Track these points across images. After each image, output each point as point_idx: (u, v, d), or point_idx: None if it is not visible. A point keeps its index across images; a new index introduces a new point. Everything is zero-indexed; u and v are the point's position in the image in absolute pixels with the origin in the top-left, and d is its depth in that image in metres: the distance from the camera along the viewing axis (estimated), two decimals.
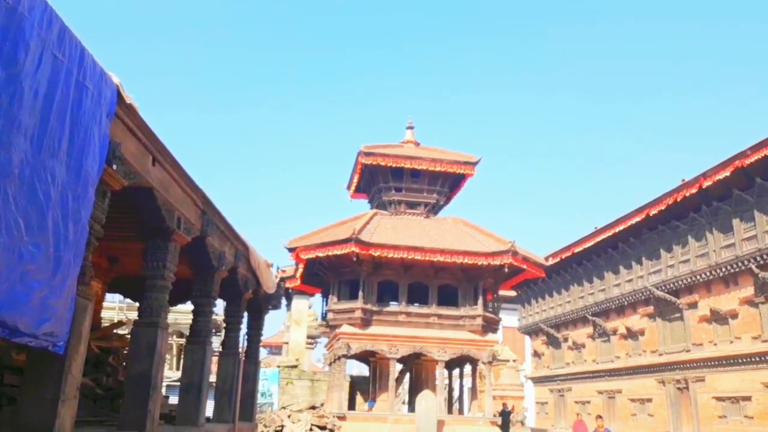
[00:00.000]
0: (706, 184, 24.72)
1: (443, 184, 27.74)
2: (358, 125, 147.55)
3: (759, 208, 23.51)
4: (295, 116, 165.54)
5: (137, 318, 6.66)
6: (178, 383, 8.63)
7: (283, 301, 38.58)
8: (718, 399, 25.19)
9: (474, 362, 24.29)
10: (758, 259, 23.21)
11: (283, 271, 27.99)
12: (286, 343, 38.71)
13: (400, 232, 24.60)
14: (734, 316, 24.78)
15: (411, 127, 29.86)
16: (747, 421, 23.60)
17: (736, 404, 24.31)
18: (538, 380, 43.34)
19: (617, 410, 32.62)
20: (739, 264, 24.18)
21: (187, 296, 9.65)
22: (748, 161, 22.69)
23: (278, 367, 33.13)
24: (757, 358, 23.16)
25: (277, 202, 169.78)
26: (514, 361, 38.00)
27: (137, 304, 8.13)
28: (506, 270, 23.73)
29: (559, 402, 39.30)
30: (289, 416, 20.34)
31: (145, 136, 5.51)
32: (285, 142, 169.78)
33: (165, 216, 6.20)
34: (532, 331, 44.28)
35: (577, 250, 34.90)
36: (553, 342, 40.85)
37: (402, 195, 27.38)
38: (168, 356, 29.79)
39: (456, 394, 30.47)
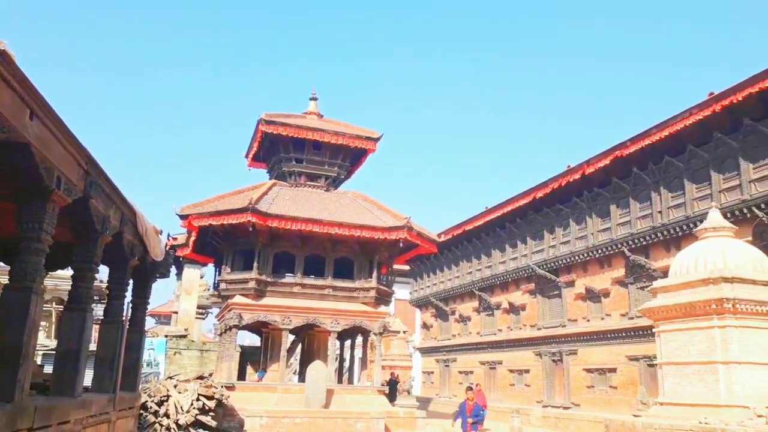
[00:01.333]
0: (589, 171, 26.42)
1: (345, 158, 27.75)
2: (261, 93, 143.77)
3: (634, 196, 25.46)
4: (194, 79, 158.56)
5: (8, 282, 6.24)
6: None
7: (174, 270, 37.32)
8: (588, 370, 27.33)
9: (366, 333, 24.77)
10: (630, 243, 25.21)
11: (174, 239, 27.01)
12: (176, 312, 37.55)
13: (299, 204, 24.42)
14: (606, 294, 26.86)
15: (314, 99, 29.52)
16: (611, 391, 25.82)
17: (603, 375, 26.50)
18: (425, 351, 45.00)
19: (497, 380, 34.57)
20: (614, 247, 26.16)
21: (68, 261, 9.12)
22: (627, 152, 24.45)
23: (166, 336, 32.14)
24: (624, 334, 25.29)
25: (171, 168, 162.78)
26: (404, 332, 39.11)
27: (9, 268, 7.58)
28: (401, 245, 24.25)
29: (444, 372, 41.06)
30: (175, 386, 19.82)
31: (21, 87, 5.10)
32: (183, 105, 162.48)
33: (43, 175, 5.80)
34: (423, 304, 45.78)
35: (468, 228, 36.30)
36: (442, 315, 42.47)
37: (303, 167, 27.11)
38: (45, 324, 28.04)
39: (347, 364, 31.01)
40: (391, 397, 25.88)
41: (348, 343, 29.26)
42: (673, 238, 23.21)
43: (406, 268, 43.52)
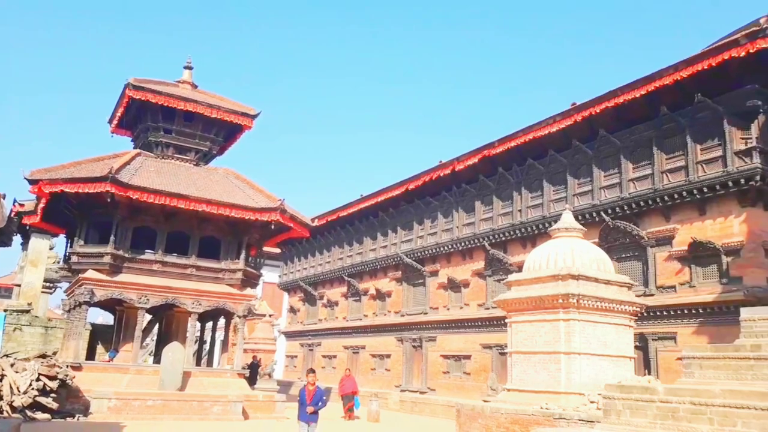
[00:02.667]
0: (459, 167, 27.52)
1: (218, 132, 26.74)
2: (132, 59, 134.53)
3: (498, 194, 26.88)
4: (57, 35, 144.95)
5: None
6: None
7: (18, 239, 34.01)
8: (445, 357, 28.60)
9: (229, 316, 24.15)
10: (491, 237, 26.62)
11: (21, 205, 24.70)
12: (19, 285, 34.31)
13: (165, 177, 23.20)
14: (466, 285, 28.19)
15: (189, 68, 28.12)
16: (465, 377, 27.22)
17: (458, 362, 27.85)
18: (291, 335, 44.81)
19: (360, 364, 35.21)
20: (476, 241, 27.49)
21: None
22: (494, 152, 25.73)
23: (5, 311, 29.29)
24: (480, 323, 26.72)
25: (23, 129, 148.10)
26: (270, 316, 38.67)
27: None
28: (273, 227, 23.88)
29: (308, 356, 41.14)
30: (12, 365, 18.18)
31: None
32: (41, 64, 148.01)
33: None
34: (291, 287, 45.49)
35: (342, 214, 36.52)
36: (310, 299, 42.46)
37: (172, 138, 25.77)
38: None
39: (207, 346, 30.08)
40: (252, 380, 25.50)
41: (210, 325, 28.39)
42: (529, 236, 24.81)
43: (277, 251, 42.98)
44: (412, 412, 28.04)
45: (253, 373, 26.25)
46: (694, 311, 18.74)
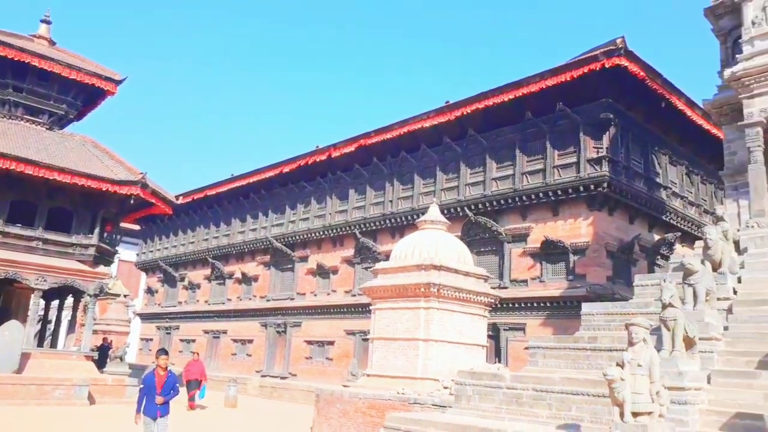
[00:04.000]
0: (335, 154, 27.52)
1: (77, 96, 24.62)
2: None
3: (371, 183, 27.22)
4: None
5: None
6: None
7: None
8: (309, 342, 28.59)
9: (79, 294, 22.42)
10: (362, 226, 26.94)
11: None
12: None
13: (12, 139, 21.03)
14: (335, 271, 28.34)
15: (48, 22, 25.61)
16: (327, 362, 27.39)
17: (321, 347, 27.96)
18: (146, 317, 42.59)
19: (220, 349, 34.27)
20: (347, 228, 27.69)
21: None
22: (370, 142, 26.02)
23: None
24: (345, 309, 26.99)
25: None
26: (125, 296, 36.37)
27: None
28: (132, 202, 22.44)
29: (165, 339, 39.33)
30: None
31: None
32: None
33: None
34: (150, 267, 43.19)
35: (210, 193, 35.18)
36: (170, 280, 40.57)
37: (22, 97, 23.37)
38: None
39: (52, 326, 27.77)
40: (101, 363, 23.89)
41: (56, 303, 26.25)
42: (399, 226, 25.41)
43: (136, 227, 40.60)
44: (272, 397, 27.77)
45: (102, 355, 24.61)
46: (542, 304, 20.18)
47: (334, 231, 28.42)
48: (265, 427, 17.34)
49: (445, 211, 21.80)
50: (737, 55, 12.90)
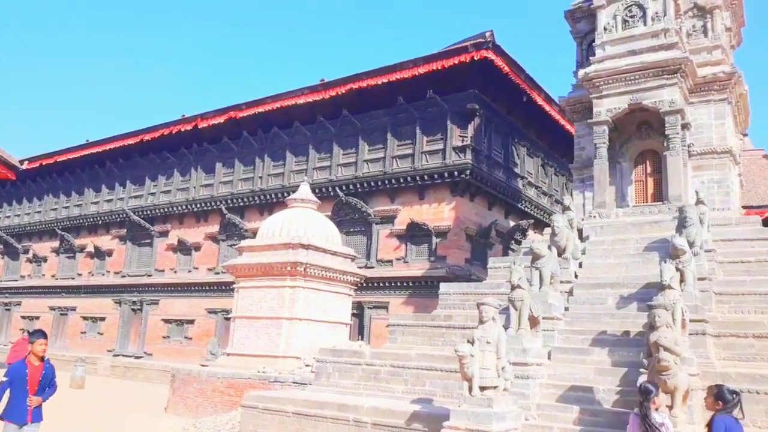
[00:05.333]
0: (202, 125, 26.37)
1: None
2: None
3: (240, 158, 26.43)
4: None
5: None
6: None
7: None
8: (167, 321, 27.38)
9: None
10: (229, 201, 26.12)
11: None
12: None
13: None
14: (198, 248, 27.29)
15: None
16: (186, 341, 26.41)
17: (180, 326, 26.89)
18: None
19: (68, 327, 31.84)
20: (213, 203, 26.72)
21: None
22: (241, 114, 25.21)
23: None
24: (207, 288, 26.12)
25: None
26: None
27: None
28: None
29: (4, 316, 35.85)
30: None
31: None
32: None
33: None
34: None
35: (61, 159, 32.36)
36: (11, 252, 36.91)
37: None
38: None
39: None
40: None
41: None
42: (267, 203, 24.94)
43: None
44: (125, 378, 26.33)
45: None
46: (405, 284, 20.82)
47: (199, 206, 27.32)
48: (112, 409, 16.40)
49: (317, 191, 21.72)
50: (591, 58, 13.96)
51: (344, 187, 22.67)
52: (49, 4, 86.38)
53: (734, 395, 5.42)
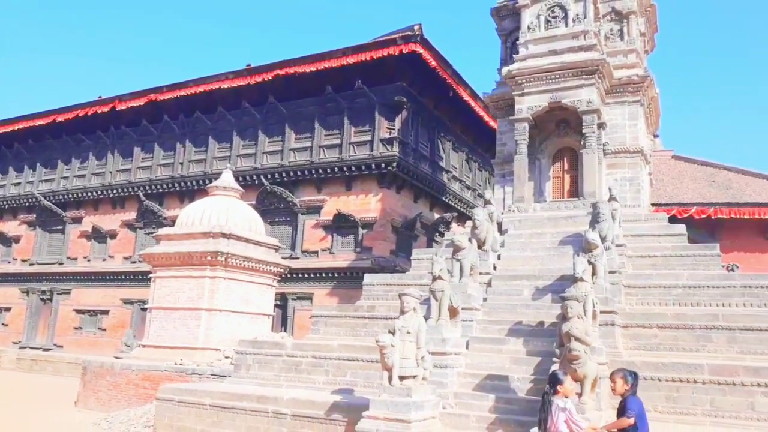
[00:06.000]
0: (120, 107, 25.24)
1: None
2: None
3: (160, 143, 25.48)
4: None
5: None
6: None
7: None
8: (79, 311, 26.12)
9: None
10: (148, 188, 25.15)
11: None
12: None
13: None
14: (114, 236, 26.15)
15: None
16: (100, 333, 25.30)
17: (94, 317, 25.72)
18: None
19: None
20: (130, 189, 25.66)
21: None
22: (162, 97, 24.28)
23: None
24: (123, 277, 25.09)
25: None
26: None
27: None
28: None
29: None
30: None
31: None
32: None
33: None
34: None
35: None
36: None
37: None
38: None
39: None
40: None
41: None
42: (189, 191, 24.19)
43: None
44: (32, 371, 24.95)
45: None
46: (330, 275, 20.73)
47: (115, 191, 26.15)
48: (15, 403, 15.48)
49: (240, 179, 21.24)
50: (514, 56, 14.29)
51: (269, 176, 22.29)
52: None
53: (635, 376, 6.00)
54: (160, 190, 24.98)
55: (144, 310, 22.29)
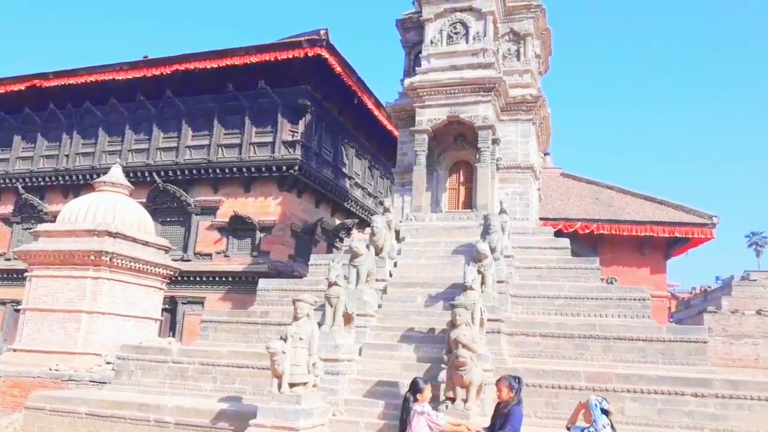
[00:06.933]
0: None
1: None
2: None
3: (44, 132, 23.78)
4: None
5: None
6: None
7: None
8: None
9: None
10: (27, 180, 23.37)
11: None
12: None
13: None
14: None
15: None
16: None
17: None
18: None
19: None
20: (8, 180, 23.75)
21: None
22: (47, 84, 22.66)
23: None
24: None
25: None
26: None
27: None
28: None
29: None
30: None
31: None
32: None
33: None
34: None
35: None
36: None
37: None
38: None
39: None
40: None
41: None
42: (74, 185, 22.72)
43: None
44: None
45: None
46: (224, 279, 20.15)
47: None
48: None
49: (131, 174, 20.19)
50: (417, 68, 14.57)
51: (163, 173, 21.37)
52: None
53: (520, 382, 6.20)
54: (42, 183, 23.28)
55: (18, 311, 20.65)
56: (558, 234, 15.36)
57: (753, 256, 67.06)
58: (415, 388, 6.26)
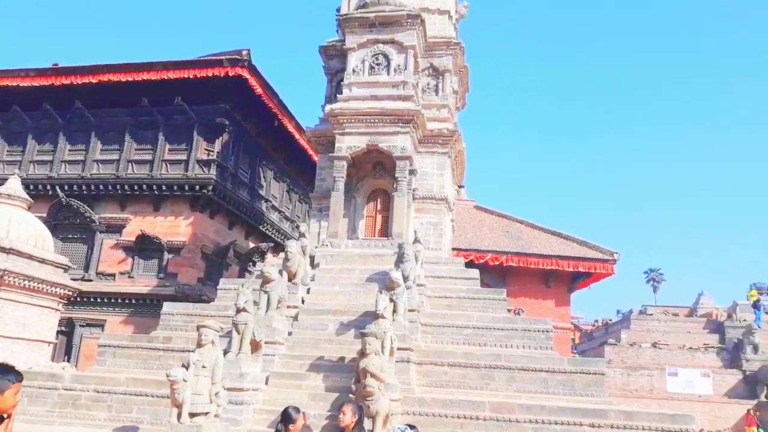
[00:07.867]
0: None
1: None
2: None
3: None
4: None
5: None
6: None
7: None
8: None
9: None
10: None
11: None
12: None
13: None
14: None
15: None
16: None
17: None
18: None
19: None
20: None
21: None
22: None
23: None
24: None
25: None
26: None
27: None
28: None
29: None
30: None
31: None
32: None
33: None
34: None
35: None
36: None
37: None
38: None
39: None
40: None
41: None
42: None
43: None
44: None
45: None
46: (128, 301, 19.18)
47: None
48: None
49: (31, 187, 19.02)
50: (338, 95, 14.65)
51: (67, 187, 20.24)
52: None
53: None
54: None
55: None
56: (469, 264, 15.72)
57: (651, 291, 71.52)
58: (287, 418, 5.99)
